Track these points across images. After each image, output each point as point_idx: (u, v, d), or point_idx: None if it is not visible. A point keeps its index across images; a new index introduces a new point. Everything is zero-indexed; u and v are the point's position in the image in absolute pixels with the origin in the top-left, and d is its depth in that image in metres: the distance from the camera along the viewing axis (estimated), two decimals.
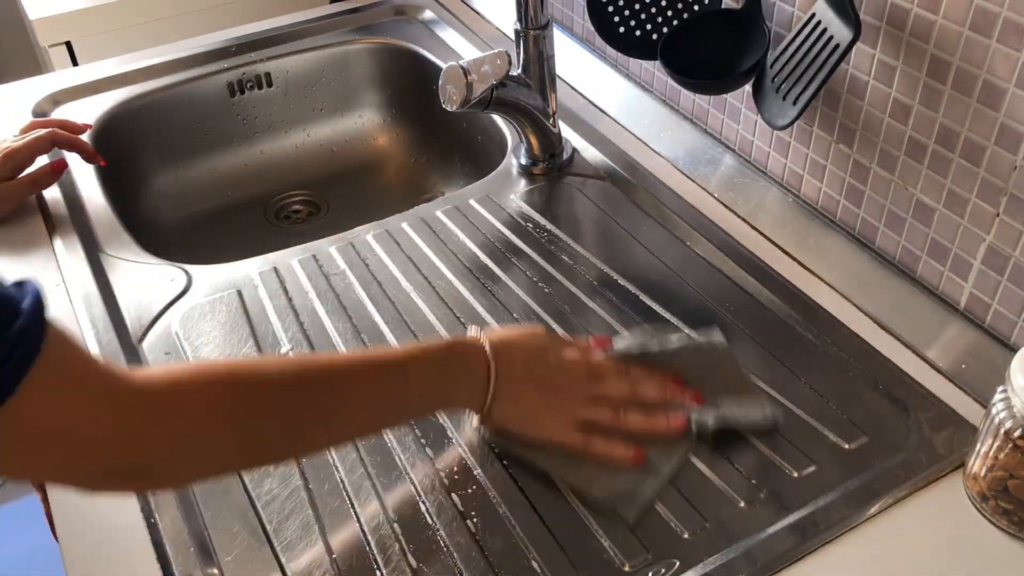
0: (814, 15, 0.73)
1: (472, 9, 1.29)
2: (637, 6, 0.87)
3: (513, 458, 0.66)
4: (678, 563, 0.60)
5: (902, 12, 0.70)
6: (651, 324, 0.77)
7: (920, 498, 0.64)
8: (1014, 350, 0.67)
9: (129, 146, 1.13)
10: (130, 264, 0.87)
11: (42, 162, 0.96)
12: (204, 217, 1.18)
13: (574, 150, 1.00)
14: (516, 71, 0.92)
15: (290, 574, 0.60)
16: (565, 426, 0.65)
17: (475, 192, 0.96)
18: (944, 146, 0.70)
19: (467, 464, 0.67)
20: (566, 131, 1.02)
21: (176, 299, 0.82)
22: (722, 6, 0.85)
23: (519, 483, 0.65)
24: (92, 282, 0.84)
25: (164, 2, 1.44)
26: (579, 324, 0.78)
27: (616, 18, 0.88)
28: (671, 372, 0.69)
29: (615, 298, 0.81)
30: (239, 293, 0.83)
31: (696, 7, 0.85)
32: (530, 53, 0.92)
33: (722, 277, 0.83)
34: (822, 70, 0.71)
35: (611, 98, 1.06)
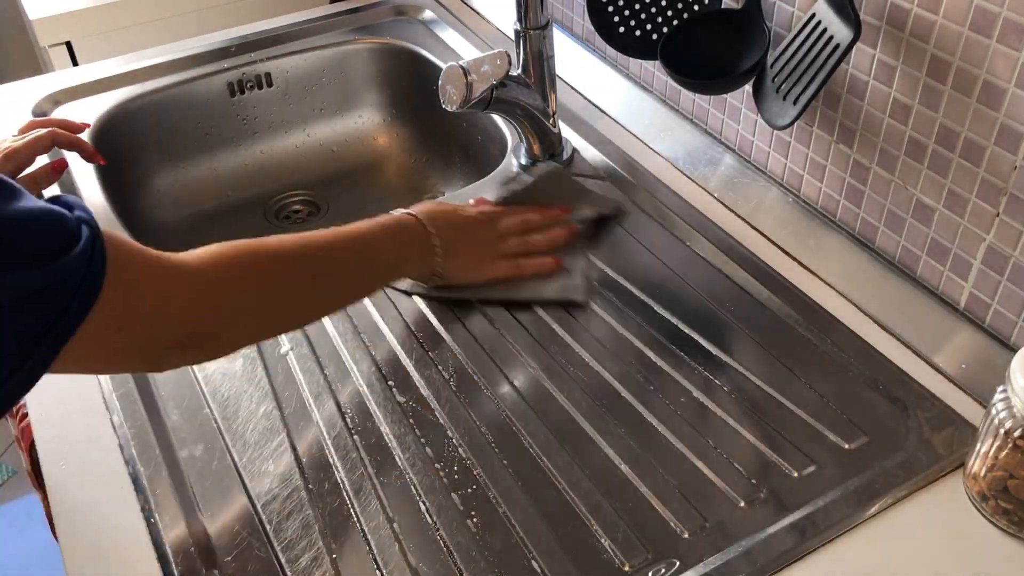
0: (814, 15, 0.73)
1: (472, 9, 1.29)
2: (637, 6, 0.87)
3: (472, 301, 0.80)
4: (678, 563, 0.60)
5: (902, 12, 0.70)
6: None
7: (920, 498, 0.64)
8: (1014, 350, 0.67)
9: (129, 146, 1.13)
10: None
11: (42, 162, 0.96)
12: (204, 217, 1.18)
13: (574, 150, 1.00)
14: (516, 71, 0.92)
15: (290, 574, 0.60)
16: (496, 263, 0.80)
17: (475, 192, 0.96)
18: (944, 146, 0.70)
19: (467, 464, 0.67)
20: (566, 131, 1.02)
21: None
22: (722, 6, 0.85)
23: (519, 483, 0.66)
24: None
25: (164, 2, 1.43)
26: (579, 324, 0.78)
27: (616, 18, 0.88)
28: (536, 201, 0.88)
29: (615, 298, 0.81)
30: None
31: (696, 7, 0.85)
32: (530, 53, 0.92)
33: (722, 277, 0.83)
34: (822, 70, 0.71)
35: (611, 98, 1.06)
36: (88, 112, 1.10)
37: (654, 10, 0.87)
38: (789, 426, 0.68)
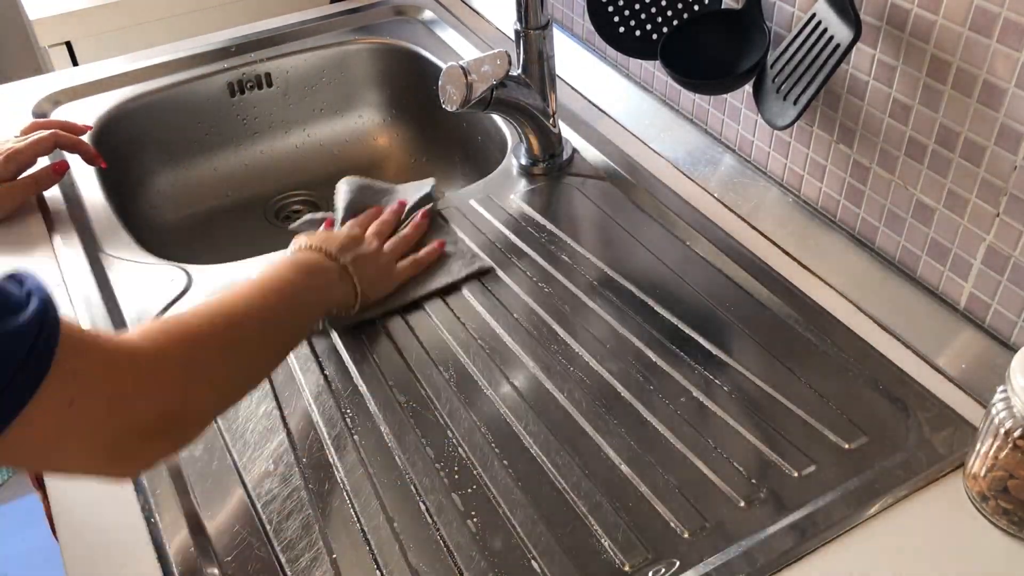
0: (814, 15, 0.73)
1: (472, 9, 1.29)
2: (637, 6, 0.87)
3: (392, 311, 0.81)
4: (678, 563, 0.60)
5: (902, 12, 0.70)
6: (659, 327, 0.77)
7: (920, 498, 0.64)
8: (1014, 350, 0.67)
9: (129, 146, 1.13)
10: (130, 264, 0.87)
11: (43, 163, 0.97)
12: (204, 217, 1.18)
13: (574, 150, 1.00)
14: (516, 71, 0.92)
15: (290, 574, 0.60)
16: (393, 269, 0.83)
17: (475, 192, 0.96)
18: (944, 146, 0.70)
19: (467, 464, 0.67)
20: (566, 131, 1.02)
21: (176, 299, 0.82)
22: (722, 6, 0.85)
23: (519, 483, 0.66)
24: (92, 282, 0.84)
25: (164, 2, 1.43)
26: (579, 324, 0.78)
27: (616, 18, 0.88)
28: (384, 202, 0.92)
29: (615, 298, 0.81)
30: None
31: (696, 7, 0.85)
32: (530, 53, 0.92)
33: (722, 277, 0.83)
34: (822, 70, 0.71)
35: (611, 98, 1.06)
36: (88, 112, 1.10)
37: (654, 10, 0.87)
38: (789, 426, 0.68)
